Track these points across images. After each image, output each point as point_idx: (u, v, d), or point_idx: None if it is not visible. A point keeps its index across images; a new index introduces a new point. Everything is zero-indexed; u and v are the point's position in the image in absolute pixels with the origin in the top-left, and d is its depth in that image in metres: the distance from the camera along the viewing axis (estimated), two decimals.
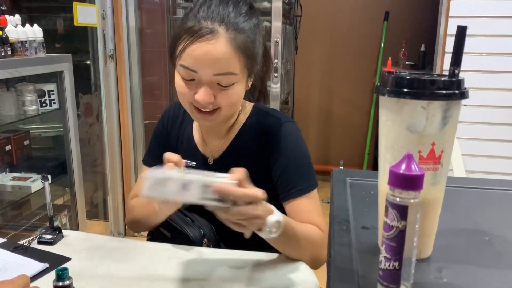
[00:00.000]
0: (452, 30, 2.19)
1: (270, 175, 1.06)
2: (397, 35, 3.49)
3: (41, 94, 1.85)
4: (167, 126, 1.20)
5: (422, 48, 3.25)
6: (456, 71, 0.52)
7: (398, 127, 0.52)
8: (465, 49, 0.56)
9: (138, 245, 1.07)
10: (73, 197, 1.95)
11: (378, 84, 0.54)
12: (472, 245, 0.60)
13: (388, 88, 0.52)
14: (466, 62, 2.17)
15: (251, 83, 1.05)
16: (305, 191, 1.03)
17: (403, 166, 0.45)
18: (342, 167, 3.78)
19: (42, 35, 1.74)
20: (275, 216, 0.87)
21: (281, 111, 2.72)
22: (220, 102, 0.96)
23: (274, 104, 2.48)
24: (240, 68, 0.95)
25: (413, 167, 0.45)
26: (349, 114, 3.82)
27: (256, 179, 1.06)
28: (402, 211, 0.45)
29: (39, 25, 1.79)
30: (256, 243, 1.08)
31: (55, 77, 1.87)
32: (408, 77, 0.51)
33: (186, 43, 0.92)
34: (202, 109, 0.97)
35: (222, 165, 1.10)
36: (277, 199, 1.06)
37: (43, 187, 1.08)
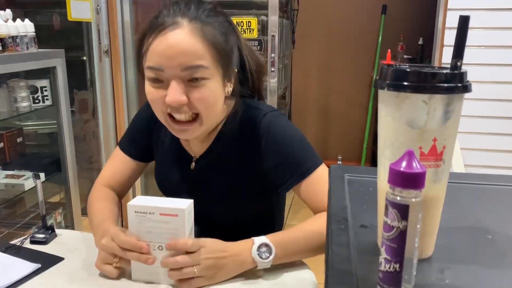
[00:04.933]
0: (450, 23, 2.17)
1: (260, 168, 1.01)
2: (395, 29, 3.47)
3: (33, 90, 1.81)
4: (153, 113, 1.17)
5: (420, 42, 3.23)
6: (459, 64, 0.50)
7: (398, 122, 0.50)
8: (468, 42, 0.54)
9: None
10: (67, 194, 1.92)
11: (377, 77, 0.52)
12: (474, 244, 0.58)
13: (387, 82, 0.50)
14: (465, 55, 2.15)
15: (231, 88, 0.97)
16: (306, 173, 0.98)
17: (404, 164, 0.43)
18: (340, 162, 3.76)
19: (34, 30, 1.70)
20: (256, 244, 0.87)
21: (278, 106, 2.72)
22: (194, 102, 0.88)
23: (272, 99, 2.45)
24: (210, 61, 0.87)
25: (414, 164, 0.43)
26: (347, 109, 3.80)
27: (242, 173, 1.03)
28: (402, 210, 0.43)
29: (33, 21, 1.75)
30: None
31: (48, 73, 1.83)
32: (408, 70, 0.49)
33: (149, 41, 0.87)
34: (178, 118, 0.90)
35: (205, 162, 1.06)
36: (270, 190, 1.03)
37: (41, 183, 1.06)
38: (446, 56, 2.19)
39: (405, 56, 3.32)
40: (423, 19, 3.37)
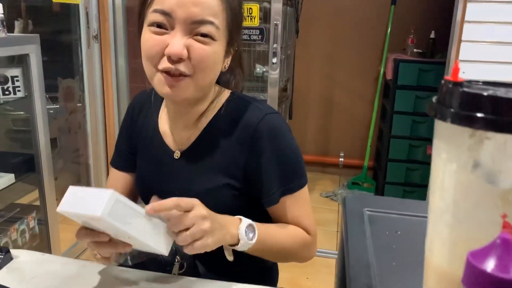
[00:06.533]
0: (470, 16, 1.98)
1: (249, 171, 0.90)
2: (405, 20, 3.27)
3: (3, 80, 1.61)
4: (133, 115, 1.04)
5: (432, 35, 3.04)
6: None
7: (470, 174, 0.32)
8: (489, 38, 0.35)
9: (99, 270, 0.88)
10: (42, 197, 1.74)
11: (435, 100, 0.34)
12: None
13: (453, 110, 0.32)
14: (493, 52, 1.96)
15: (227, 64, 0.90)
16: (291, 190, 0.90)
17: (494, 261, 0.26)
18: (342, 159, 3.59)
19: (2, 12, 1.49)
20: (245, 222, 0.81)
21: (279, 99, 2.55)
22: (193, 59, 0.80)
23: (273, 92, 2.29)
24: (222, 23, 0.81)
25: None
26: (351, 103, 3.62)
27: (230, 172, 0.90)
28: None
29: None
30: (239, 263, 0.89)
31: (21, 61, 1.62)
32: (487, 95, 0.31)
33: None
34: (172, 72, 0.80)
35: (190, 158, 0.94)
36: (255, 197, 0.93)
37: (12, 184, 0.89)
38: (463, 53, 2.01)
39: (415, 50, 3.13)
40: (436, 11, 3.18)
